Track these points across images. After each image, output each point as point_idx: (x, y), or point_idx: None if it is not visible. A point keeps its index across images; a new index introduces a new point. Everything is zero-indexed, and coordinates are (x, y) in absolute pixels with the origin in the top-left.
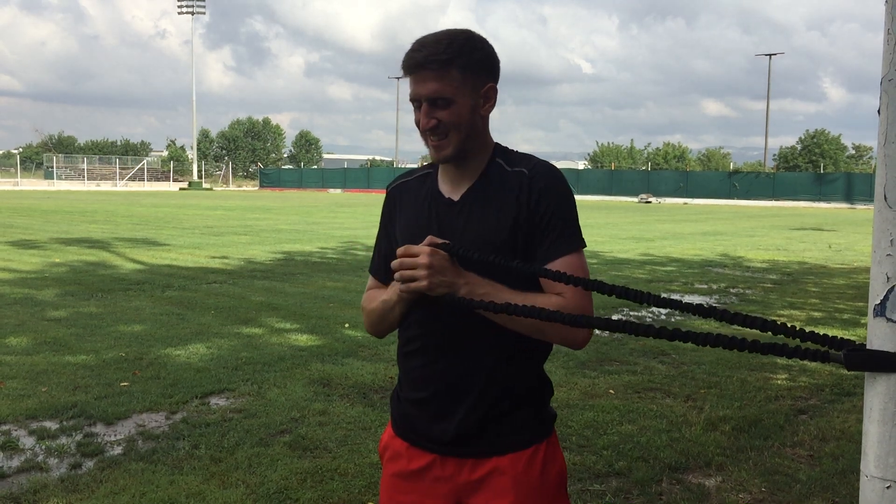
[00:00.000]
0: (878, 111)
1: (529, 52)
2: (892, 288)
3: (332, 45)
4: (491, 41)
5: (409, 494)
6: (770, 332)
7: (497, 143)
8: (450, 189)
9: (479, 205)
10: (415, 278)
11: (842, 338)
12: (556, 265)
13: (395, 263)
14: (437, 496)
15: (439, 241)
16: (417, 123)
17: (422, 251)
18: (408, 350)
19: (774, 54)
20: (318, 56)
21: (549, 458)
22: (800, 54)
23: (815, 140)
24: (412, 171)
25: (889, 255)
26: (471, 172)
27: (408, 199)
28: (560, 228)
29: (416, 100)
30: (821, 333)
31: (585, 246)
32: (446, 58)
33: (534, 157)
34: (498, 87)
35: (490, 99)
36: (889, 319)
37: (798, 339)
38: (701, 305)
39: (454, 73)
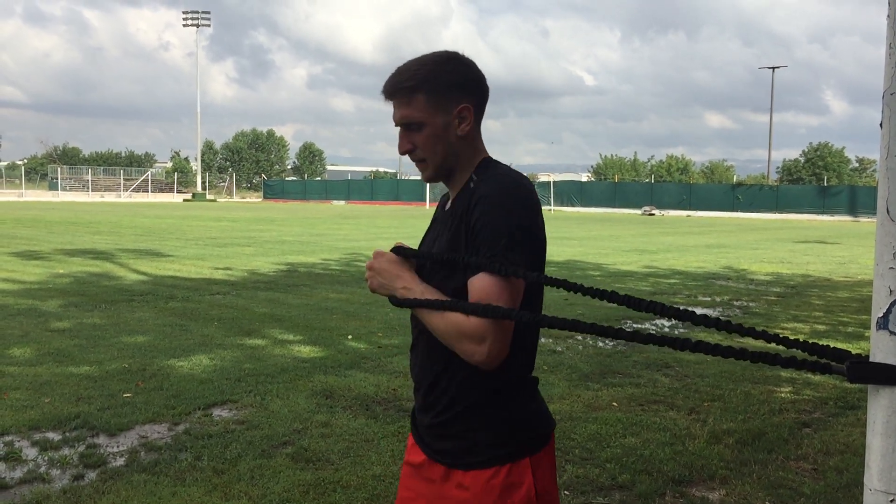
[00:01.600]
0: (881, 124)
1: (531, 65)
2: (895, 301)
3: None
4: (493, 54)
5: (410, 490)
6: (773, 344)
7: (485, 159)
8: (450, 202)
9: (447, 221)
10: (366, 279)
11: (844, 350)
12: (470, 283)
13: None
14: (428, 497)
15: (399, 244)
16: None
17: (374, 255)
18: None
19: (777, 67)
20: (321, 68)
21: (511, 484)
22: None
23: (818, 153)
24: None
25: (892, 268)
26: (456, 189)
27: (437, 210)
28: (482, 247)
29: (395, 125)
30: (823, 345)
31: (508, 273)
32: (411, 84)
33: (497, 173)
34: (476, 104)
35: (465, 118)
36: (892, 332)
37: (800, 351)
38: (688, 311)
39: (420, 97)
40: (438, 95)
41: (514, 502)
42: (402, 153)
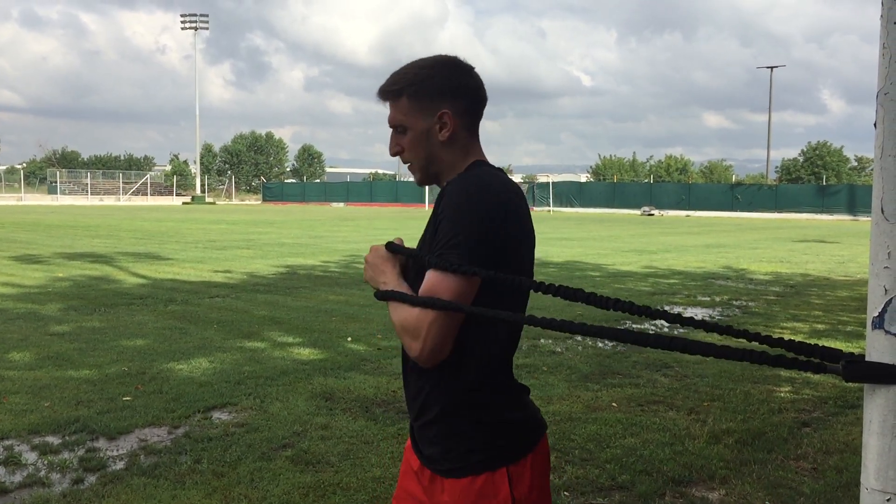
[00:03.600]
0: (875, 124)
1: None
2: (890, 300)
3: (331, 59)
4: (490, 55)
5: (405, 496)
6: (765, 345)
7: (474, 162)
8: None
9: (429, 222)
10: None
11: (839, 350)
12: (426, 278)
13: None
14: (420, 500)
15: (394, 242)
16: None
17: (370, 248)
18: None
19: (776, 67)
20: (318, 70)
21: (486, 494)
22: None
23: (817, 152)
24: None
25: (887, 267)
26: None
27: None
28: (438, 245)
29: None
30: (816, 345)
31: (455, 270)
32: (397, 88)
33: (471, 174)
34: (460, 110)
35: (446, 124)
36: (887, 332)
37: (793, 352)
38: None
39: (404, 101)
40: (421, 100)
41: None
42: (392, 155)
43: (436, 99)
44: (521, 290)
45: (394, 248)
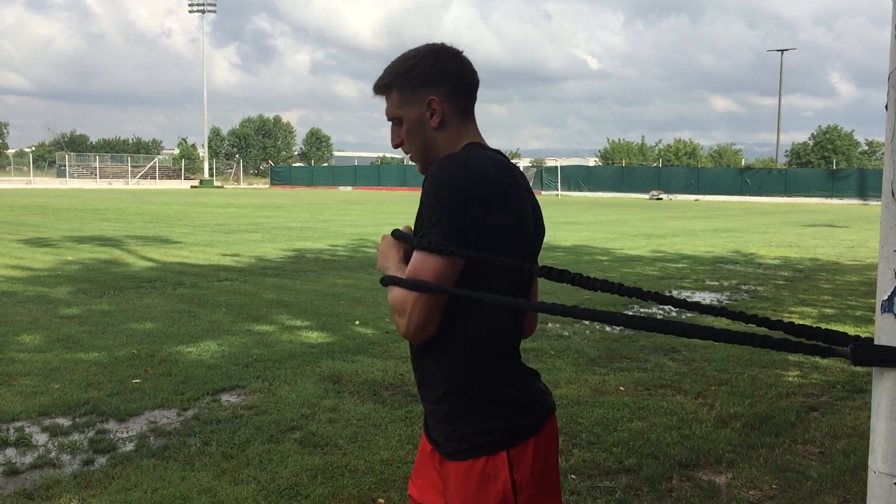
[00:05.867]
0: (886, 107)
1: (534, 48)
2: None
3: (336, 42)
4: (495, 38)
5: (421, 479)
6: (772, 329)
7: (467, 144)
8: None
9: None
10: None
11: (849, 334)
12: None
13: None
14: (436, 487)
15: (399, 229)
16: None
17: (382, 237)
18: None
19: (786, 50)
20: (323, 54)
21: (487, 476)
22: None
23: (827, 136)
24: None
25: None
26: None
27: None
28: (423, 222)
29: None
30: (827, 329)
31: (432, 249)
32: (386, 81)
33: (452, 154)
34: (446, 95)
35: (435, 111)
36: None
37: (803, 338)
38: (672, 297)
39: (394, 93)
40: (408, 90)
41: (490, 496)
42: (394, 146)
43: (422, 87)
44: (503, 271)
45: (398, 235)
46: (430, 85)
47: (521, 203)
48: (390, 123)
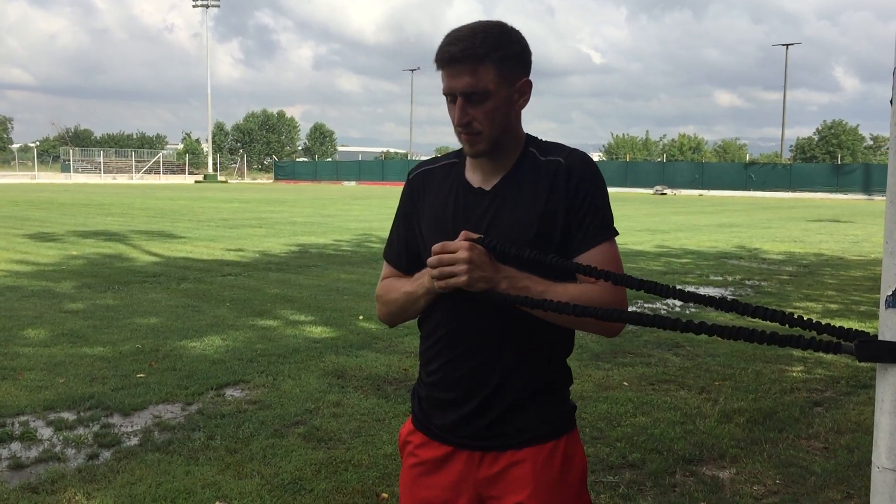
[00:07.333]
0: (891, 101)
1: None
2: None
3: (339, 37)
4: None
5: (430, 489)
6: (778, 324)
7: (528, 134)
8: (480, 179)
9: (512, 195)
10: (454, 274)
11: (853, 329)
12: (593, 253)
13: (432, 260)
14: (458, 490)
15: (474, 235)
16: (452, 117)
17: (460, 246)
18: (429, 342)
19: (791, 44)
20: (326, 49)
21: (571, 454)
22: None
23: (832, 131)
24: (435, 158)
25: None
26: (503, 163)
27: (432, 187)
28: (595, 217)
29: (450, 94)
30: (831, 324)
31: (618, 234)
32: (482, 52)
33: (566, 146)
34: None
35: (525, 93)
36: None
37: (807, 330)
38: (714, 297)
39: (490, 67)
40: (506, 67)
41: (574, 472)
42: (462, 124)
43: (518, 67)
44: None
45: (491, 244)
46: (526, 67)
47: None
48: (446, 99)
